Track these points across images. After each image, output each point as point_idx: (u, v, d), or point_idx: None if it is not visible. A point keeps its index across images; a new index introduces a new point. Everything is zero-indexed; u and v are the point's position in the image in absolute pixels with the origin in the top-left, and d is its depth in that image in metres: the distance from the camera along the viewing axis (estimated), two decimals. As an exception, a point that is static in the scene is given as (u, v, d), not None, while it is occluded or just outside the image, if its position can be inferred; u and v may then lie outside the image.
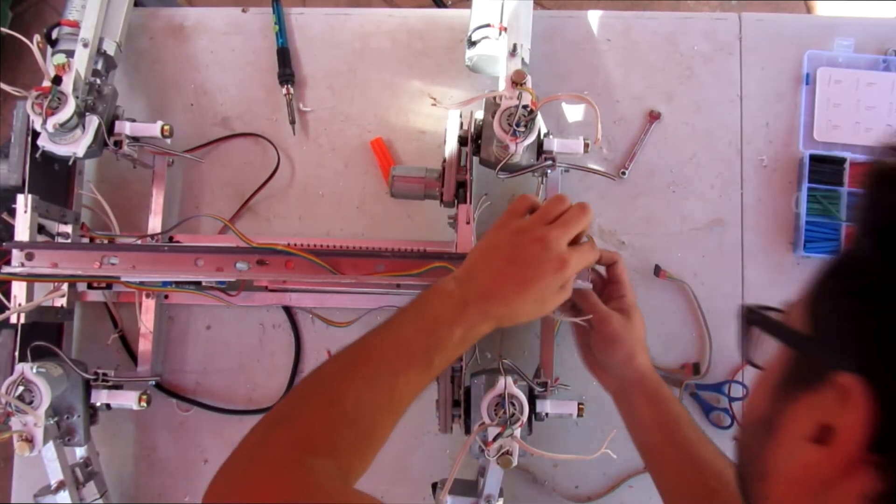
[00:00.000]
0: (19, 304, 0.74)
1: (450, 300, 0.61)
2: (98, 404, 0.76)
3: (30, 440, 0.70)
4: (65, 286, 0.80)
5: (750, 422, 0.42)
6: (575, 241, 0.64)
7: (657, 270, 0.85)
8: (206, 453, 0.86)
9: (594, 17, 0.90)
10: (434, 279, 0.66)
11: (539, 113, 0.73)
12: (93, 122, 0.75)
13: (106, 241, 0.81)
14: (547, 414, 0.75)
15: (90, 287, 0.83)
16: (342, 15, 0.91)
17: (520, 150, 0.73)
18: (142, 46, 0.91)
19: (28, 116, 0.73)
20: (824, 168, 0.84)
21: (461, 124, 0.78)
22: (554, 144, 0.77)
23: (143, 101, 0.90)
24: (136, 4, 0.88)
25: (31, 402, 0.70)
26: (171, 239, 0.85)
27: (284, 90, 0.88)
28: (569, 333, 0.85)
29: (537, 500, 0.84)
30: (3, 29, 0.85)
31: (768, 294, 0.85)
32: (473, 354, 0.78)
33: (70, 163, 0.81)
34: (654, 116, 0.88)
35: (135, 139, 0.80)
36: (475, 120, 0.77)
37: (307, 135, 0.89)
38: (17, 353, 0.74)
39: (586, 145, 0.77)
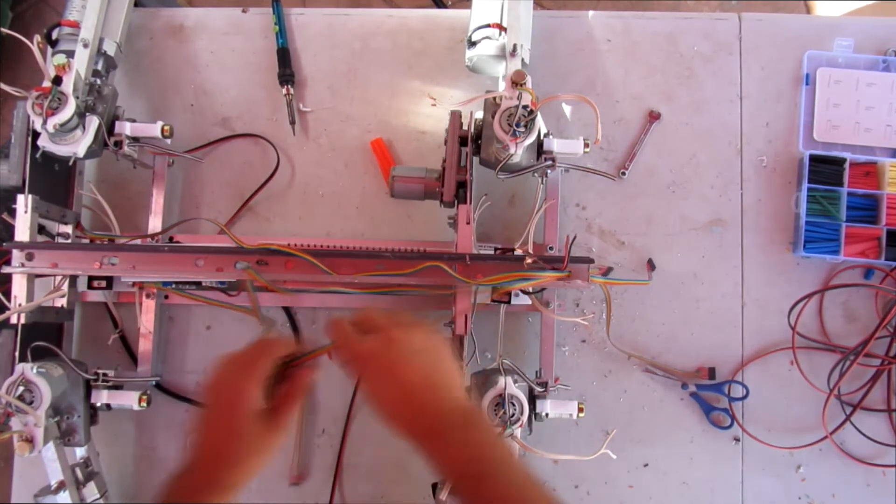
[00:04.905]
0: (19, 304, 0.74)
1: None
2: (98, 404, 0.76)
3: (30, 440, 0.70)
4: (65, 286, 0.80)
5: None
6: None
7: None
8: (206, 453, 0.86)
9: (594, 17, 0.90)
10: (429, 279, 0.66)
11: (539, 113, 0.73)
12: (93, 122, 0.75)
13: (106, 241, 0.81)
14: (547, 414, 0.75)
15: (90, 287, 0.83)
16: (342, 15, 0.91)
17: (520, 151, 0.73)
18: (142, 47, 0.91)
19: (28, 116, 0.73)
20: (824, 168, 0.84)
21: (461, 124, 0.78)
22: (554, 144, 0.77)
23: (143, 102, 0.90)
24: (136, 5, 0.88)
25: (31, 402, 0.70)
26: (171, 239, 0.85)
27: (284, 90, 0.88)
28: (569, 334, 0.85)
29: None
30: (3, 29, 0.85)
31: (768, 294, 0.85)
32: (473, 354, 0.78)
33: (70, 163, 0.81)
34: (653, 116, 0.88)
35: (135, 139, 0.80)
36: (475, 120, 0.77)
37: (307, 135, 0.89)
38: (17, 354, 0.74)
39: (586, 145, 0.77)
